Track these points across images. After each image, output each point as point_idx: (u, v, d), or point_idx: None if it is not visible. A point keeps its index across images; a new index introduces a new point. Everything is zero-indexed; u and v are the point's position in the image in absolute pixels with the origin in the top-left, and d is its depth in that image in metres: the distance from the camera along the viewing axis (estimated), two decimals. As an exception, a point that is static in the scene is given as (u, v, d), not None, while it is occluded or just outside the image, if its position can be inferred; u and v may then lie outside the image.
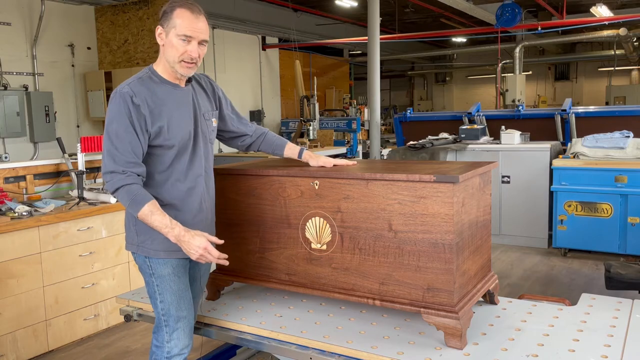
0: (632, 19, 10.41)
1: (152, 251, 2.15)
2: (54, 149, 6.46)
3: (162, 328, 2.21)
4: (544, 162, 6.00)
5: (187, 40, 2.09)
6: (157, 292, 2.18)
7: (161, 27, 2.12)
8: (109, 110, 2.07)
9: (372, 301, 2.16)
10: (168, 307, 2.18)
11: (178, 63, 2.11)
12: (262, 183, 2.40)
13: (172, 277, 2.18)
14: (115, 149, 2.02)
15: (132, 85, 2.07)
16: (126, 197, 2.03)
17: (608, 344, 2.00)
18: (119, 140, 2.02)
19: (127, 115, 2.03)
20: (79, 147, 4.19)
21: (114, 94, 2.07)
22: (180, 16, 2.07)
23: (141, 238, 2.16)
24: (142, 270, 2.22)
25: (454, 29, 14.51)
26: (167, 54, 2.12)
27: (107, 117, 2.08)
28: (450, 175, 1.94)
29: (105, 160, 2.05)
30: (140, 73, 2.16)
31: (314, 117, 9.23)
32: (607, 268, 3.39)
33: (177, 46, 2.08)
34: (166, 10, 2.11)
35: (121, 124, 2.03)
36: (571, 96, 16.16)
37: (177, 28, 2.07)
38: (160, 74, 2.16)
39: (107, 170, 2.04)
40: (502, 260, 5.67)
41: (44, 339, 3.66)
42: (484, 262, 2.35)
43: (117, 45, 8.11)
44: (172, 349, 2.21)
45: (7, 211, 3.59)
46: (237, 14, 10.84)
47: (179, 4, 2.09)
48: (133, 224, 2.17)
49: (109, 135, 2.04)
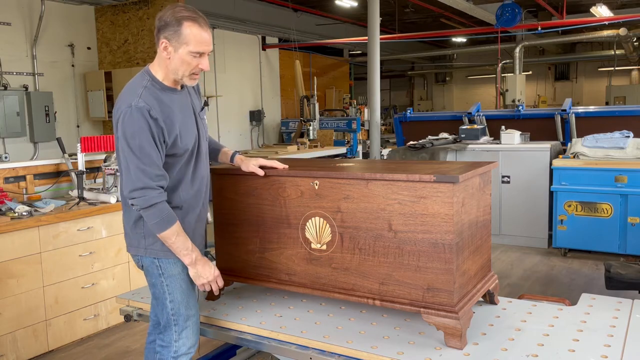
0: (632, 19, 10.42)
1: (162, 252, 2.15)
2: (54, 149, 6.46)
3: (170, 328, 2.21)
4: (544, 162, 6.00)
5: (199, 55, 2.07)
6: (167, 292, 2.18)
7: (167, 41, 2.04)
8: (127, 126, 2.01)
9: (372, 301, 2.16)
10: (178, 306, 2.20)
11: (188, 76, 2.10)
12: (262, 183, 2.40)
13: (182, 276, 2.20)
14: (143, 164, 2.00)
15: (145, 99, 2.03)
16: (156, 215, 2.03)
17: (608, 344, 2.00)
18: (144, 155, 2.00)
19: (148, 129, 2.00)
20: (79, 147, 4.19)
21: (129, 109, 2.01)
22: (190, 32, 2.02)
23: (149, 240, 2.15)
24: (148, 272, 2.21)
25: (454, 29, 14.52)
26: (174, 67, 2.08)
27: (126, 133, 2.01)
28: (450, 175, 1.95)
29: (133, 176, 2.00)
30: (142, 80, 2.10)
31: (314, 117, 9.24)
32: (607, 268, 3.39)
33: (189, 62, 2.06)
34: (170, 23, 2.02)
35: (144, 138, 2.00)
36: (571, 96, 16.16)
37: (189, 45, 2.03)
38: (161, 80, 2.12)
39: (138, 186, 2.00)
40: (502, 260, 5.67)
41: (44, 339, 3.66)
42: (484, 262, 2.35)
43: (117, 45, 8.11)
44: (180, 348, 2.22)
45: (7, 211, 3.59)
46: (237, 14, 10.84)
47: (186, 16, 2.03)
48: (141, 227, 2.15)
49: (132, 150, 1.99)
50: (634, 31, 12.45)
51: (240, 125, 11.38)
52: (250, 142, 11.64)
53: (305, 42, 12.55)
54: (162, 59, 2.09)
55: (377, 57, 8.24)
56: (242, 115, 11.50)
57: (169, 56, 2.06)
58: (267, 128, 12.29)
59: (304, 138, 9.43)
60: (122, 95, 2.10)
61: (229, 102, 10.84)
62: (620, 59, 15.97)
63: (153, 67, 2.15)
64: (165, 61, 2.09)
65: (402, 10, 13.16)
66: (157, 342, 2.29)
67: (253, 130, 11.82)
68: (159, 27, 2.06)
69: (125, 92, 2.10)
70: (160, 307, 2.22)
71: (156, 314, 2.29)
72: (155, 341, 2.33)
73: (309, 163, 2.54)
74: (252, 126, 11.77)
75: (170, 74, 2.11)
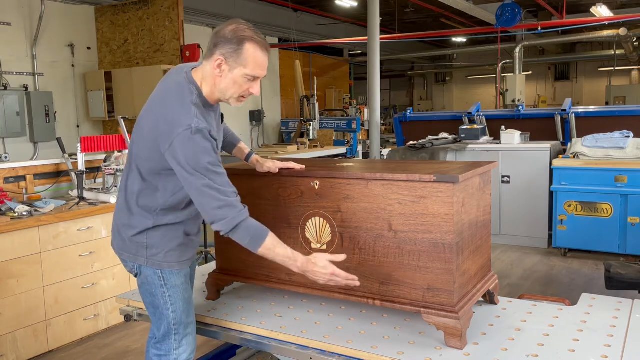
0: (632, 19, 10.42)
1: (166, 264, 2.08)
2: (54, 149, 6.46)
3: (170, 337, 2.14)
4: (544, 162, 6.00)
5: (253, 79, 1.96)
6: (170, 302, 2.11)
7: (224, 59, 1.91)
8: (190, 148, 1.85)
9: (372, 301, 2.16)
10: (180, 315, 2.14)
11: (235, 98, 1.99)
12: (262, 183, 2.40)
13: (185, 286, 2.16)
14: (217, 183, 1.88)
15: (201, 119, 1.89)
16: (246, 233, 1.92)
17: (608, 344, 2.00)
18: (216, 175, 1.88)
19: (212, 149, 1.89)
20: (79, 147, 4.19)
21: (189, 129, 1.84)
22: (252, 55, 1.90)
23: (152, 251, 2.07)
24: (148, 282, 2.11)
25: (454, 29, 14.52)
26: (223, 87, 1.96)
27: (189, 155, 1.85)
28: (450, 175, 1.94)
29: (209, 196, 1.87)
30: (191, 95, 1.94)
31: (314, 117, 9.24)
32: (607, 268, 3.39)
33: (242, 84, 1.95)
34: (231, 40, 1.89)
35: (211, 158, 1.88)
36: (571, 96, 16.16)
37: (247, 68, 1.91)
38: (206, 97, 1.99)
39: (219, 205, 1.87)
40: (502, 260, 5.67)
41: (44, 339, 3.66)
42: (484, 262, 2.35)
43: (117, 45, 8.11)
44: (180, 355, 2.16)
45: (7, 211, 3.59)
46: (237, 14, 10.83)
47: (249, 37, 1.90)
48: (145, 237, 2.06)
49: (201, 173, 1.85)
50: (634, 31, 12.45)
51: (240, 125, 11.38)
52: (250, 142, 11.65)
53: (305, 42, 12.55)
54: (212, 75, 1.95)
55: (377, 57, 8.24)
56: (242, 115, 11.50)
57: (222, 75, 1.94)
58: (267, 128, 12.29)
59: (304, 138, 9.43)
60: (169, 107, 1.92)
61: (229, 102, 10.82)
62: (620, 59, 15.97)
63: (197, 77, 1.99)
64: (214, 78, 1.95)
65: (402, 10, 13.16)
66: (151, 352, 2.20)
67: (253, 130, 11.83)
68: (216, 42, 1.91)
69: (173, 104, 1.93)
70: (159, 316, 2.14)
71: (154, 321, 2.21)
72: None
73: (309, 163, 2.54)
74: (252, 126, 11.78)
75: (216, 92, 1.98)
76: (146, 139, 1.98)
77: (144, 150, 1.99)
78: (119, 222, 2.15)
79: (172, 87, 1.98)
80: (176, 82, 1.98)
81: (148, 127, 1.97)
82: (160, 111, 1.94)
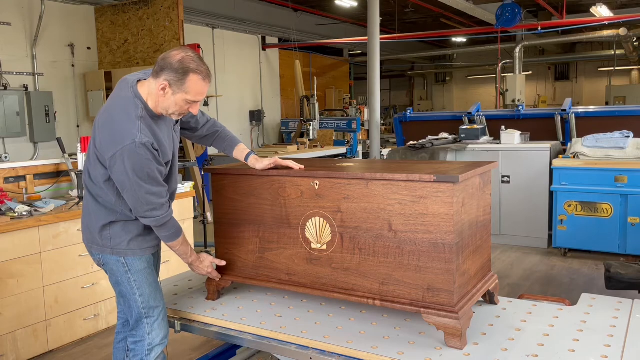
0: (632, 19, 10.42)
1: (129, 251, 2.25)
2: (54, 149, 6.46)
3: (142, 322, 2.29)
4: (544, 162, 6.00)
5: (193, 103, 2.15)
6: (135, 287, 2.27)
7: (168, 84, 2.08)
8: (134, 162, 2.05)
9: (372, 301, 2.16)
10: (147, 299, 2.28)
11: (176, 115, 2.18)
12: (262, 183, 2.40)
13: (148, 271, 2.31)
14: (152, 187, 2.12)
15: (145, 133, 2.08)
16: (171, 227, 2.24)
17: (608, 344, 2.00)
18: (153, 180, 2.12)
19: (153, 159, 2.10)
20: (79, 147, 4.19)
21: (133, 145, 2.04)
22: (194, 85, 2.08)
23: (115, 241, 2.24)
24: (113, 271, 2.29)
25: (454, 29, 14.52)
26: (165, 106, 2.14)
27: (135, 167, 2.06)
28: (450, 175, 1.95)
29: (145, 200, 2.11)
30: (136, 109, 2.12)
31: (314, 117, 9.24)
32: (607, 268, 3.39)
33: (182, 106, 2.13)
34: (177, 70, 2.06)
35: (153, 168, 2.11)
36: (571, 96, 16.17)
37: (188, 95, 2.10)
38: (152, 109, 2.16)
39: (156, 204, 2.14)
40: (502, 260, 5.67)
41: (44, 339, 3.66)
42: (484, 262, 2.35)
43: (117, 45, 8.11)
44: (154, 340, 2.30)
45: (7, 211, 3.59)
46: (237, 14, 10.84)
47: (193, 69, 2.07)
48: (107, 228, 2.24)
49: (141, 179, 2.08)
50: (634, 31, 12.45)
51: (240, 125, 11.38)
52: (250, 142, 11.65)
53: (305, 42, 12.55)
54: (156, 94, 2.12)
55: (377, 57, 8.24)
56: (242, 115, 11.50)
57: (165, 97, 2.11)
58: (267, 128, 12.29)
59: (304, 138, 9.43)
60: (117, 122, 2.10)
61: (229, 102, 10.84)
62: (620, 59, 15.97)
63: (143, 91, 2.16)
64: (159, 97, 2.13)
65: (402, 10, 13.16)
66: (128, 340, 2.36)
67: (253, 130, 11.83)
68: (163, 67, 2.07)
69: (120, 118, 2.11)
70: (129, 303, 2.29)
71: (124, 312, 2.37)
72: (126, 339, 2.40)
73: (309, 163, 2.54)
74: (252, 126, 11.78)
75: (159, 108, 2.16)
76: (96, 149, 2.17)
77: (94, 159, 2.20)
78: (86, 218, 2.33)
79: (118, 102, 2.17)
80: (122, 97, 2.16)
81: (98, 139, 2.15)
82: (108, 125, 2.13)
